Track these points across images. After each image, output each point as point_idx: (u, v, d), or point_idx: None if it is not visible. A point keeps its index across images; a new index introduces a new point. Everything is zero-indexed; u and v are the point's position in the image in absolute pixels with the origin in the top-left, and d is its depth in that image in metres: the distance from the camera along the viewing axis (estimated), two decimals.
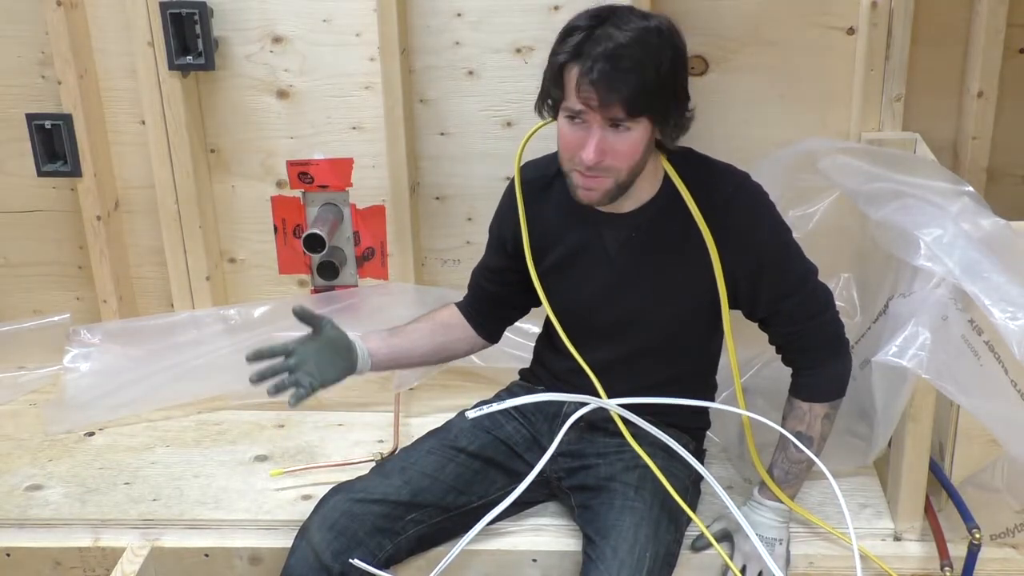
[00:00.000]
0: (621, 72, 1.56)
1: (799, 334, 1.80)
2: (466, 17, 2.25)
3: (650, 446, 1.81)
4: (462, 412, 1.93)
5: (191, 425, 2.31)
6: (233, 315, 2.41)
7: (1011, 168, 2.32)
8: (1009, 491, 1.80)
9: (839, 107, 2.26)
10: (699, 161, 1.79)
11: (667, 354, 1.86)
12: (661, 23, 1.63)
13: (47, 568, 1.96)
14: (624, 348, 1.85)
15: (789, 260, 1.78)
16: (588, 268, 1.83)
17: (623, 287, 1.81)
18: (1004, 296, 1.67)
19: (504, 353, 2.28)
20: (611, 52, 1.56)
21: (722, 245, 1.74)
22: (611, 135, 1.61)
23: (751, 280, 1.76)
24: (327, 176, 2.39)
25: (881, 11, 2.16)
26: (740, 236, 1.74)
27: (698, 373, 1.93)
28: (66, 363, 2.40)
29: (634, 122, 1.60)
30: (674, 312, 1.82)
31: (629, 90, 1.56)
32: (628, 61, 1.56)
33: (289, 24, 2.28)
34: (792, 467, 1.84)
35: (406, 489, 1.81)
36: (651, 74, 1.57)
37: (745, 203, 1.75)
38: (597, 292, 1.83)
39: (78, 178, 2.36)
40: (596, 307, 1.85)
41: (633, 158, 1.64)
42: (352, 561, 1.73)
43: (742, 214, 1.74)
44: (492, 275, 1.96)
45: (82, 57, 2.29)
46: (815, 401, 1.81)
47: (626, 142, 1.62)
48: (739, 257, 1.75)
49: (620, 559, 1.68)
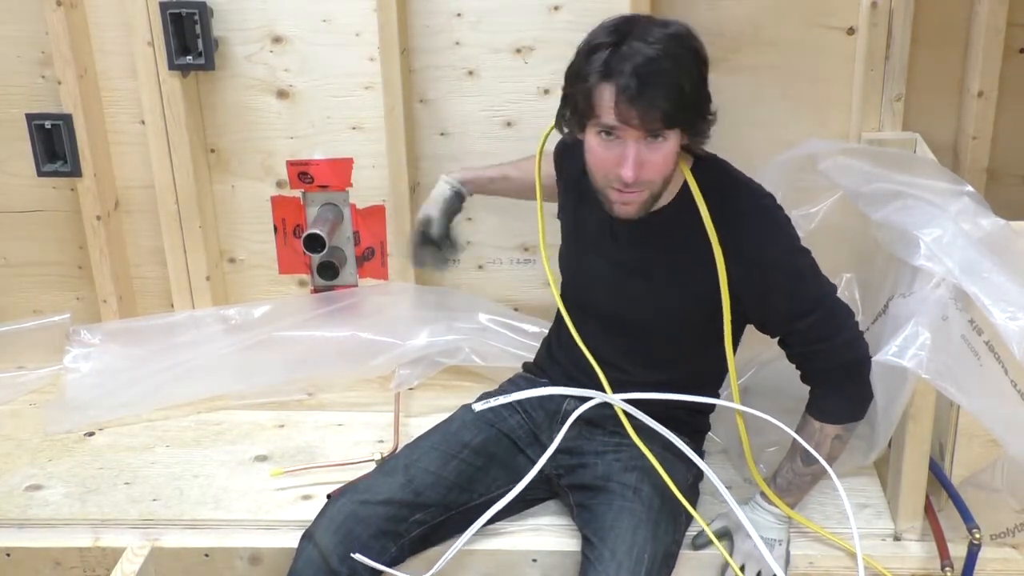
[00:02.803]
0: (659, 88, 1.56)
1: (812, 355, 1.78)
2: (466, 17, 2.25)
3: (649, 445, 1.81)
4: (466, 405, 1.94)
5: (191, 425, 2.31)
6: (233, 315, 2.41)
7: (1011, 168, 2.32)
8: (1009, 491, 1.80)
9: (839, 107, 2.26)
10: (723, 172, 1.79)
11: (660, 360, 1.86)
12: (680, 30, 1.63)
13: (47, 568, 1.96)
14: (622, 344, 1.86)
15: (802, 281, 1.76)
16: (594, 258, 1.85)
17: (625, 278, 1.82)
18: (1004, 296, 1.67)
19: (504, 352, 2.28)
20: (645, 69, 1.56)
21: (730, 258, 1.73)
22: (645, 149, 1.61)
23: (759, 298, 1.75)
24: (327, 176, 2.39)
25: (881, 11, 2.16)
26: (750, 252, 1.73)
27: (696, 383, 1.90)
28: (66, 363, 2.40)
29: (670, 132, 1.62)
30: (673, 316, 1.82)
31: (669, 104, 1.57)
32: (664, 76, 1.57)
33: (289, 24, 2.28)
34: (796, 479, 1.83)
35: (409, 488, 1.81)
36: (686, 85, 1.59)
37: (760, 221, 1.75)
38: (597, 284, 1.85)
39: (78, 178, 2.36)
40: (594, 297, 1.86)
41: (668, 168, 1.66)
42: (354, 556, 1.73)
43: (755, 231, 1.74)
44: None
45: (82, 57, 2.29)
46: (826, 422, 1.79)
47: (661, 154, 1.63)
48: (746, 273, 1.73)
49: (618, 561, 1.68)
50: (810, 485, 1.84)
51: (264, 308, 2.40)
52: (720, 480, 1.78)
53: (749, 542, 1.78)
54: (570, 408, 1.87)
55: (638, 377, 1.85)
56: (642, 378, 1.85)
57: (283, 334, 2.38)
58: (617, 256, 1.82)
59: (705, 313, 1.79)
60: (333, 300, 2.40)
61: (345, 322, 2.38)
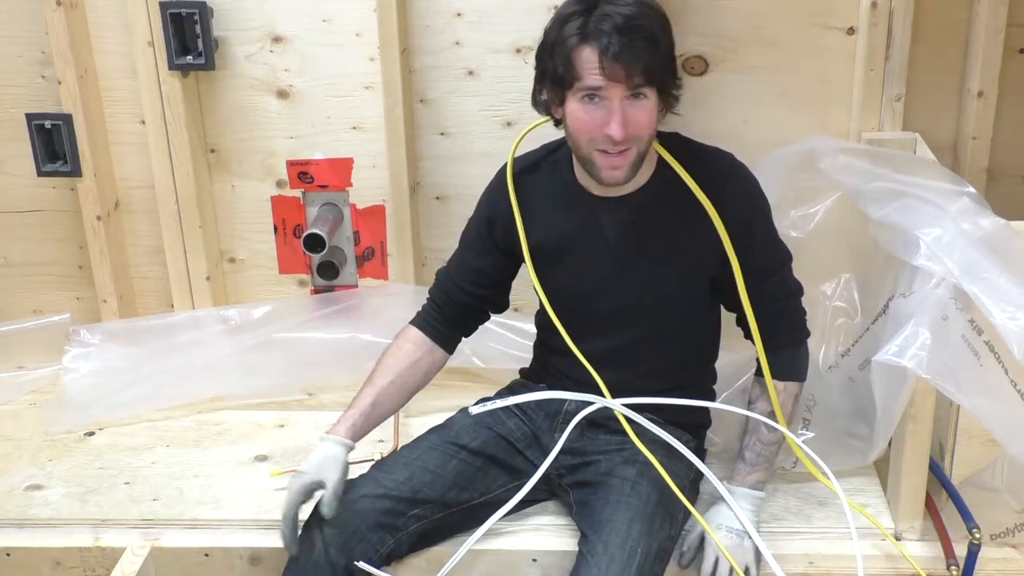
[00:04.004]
0: (638, 41, 1.62)
1: (781, 312, 1.85)
2: (466, 17, 2.25)
3: (651, 444, 1.81)
4: (464, 409, 1.94)
5: (191, 425, 2.31)
6: (233, 315, 2.41)
7: (1011, 168, 2.32)
8: (1009, 491, 1.80)
9: (839, 107, 2.26)
10: (685, 143, 1.84)
11: (666, 340, 1.88)
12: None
13: (47, 568, 1.95)
14: (622, 337, 1.87)
15: (774, 236, 1.85)
16: (585, 255, 1.84)
17: (623, 272, 1.83)
18: (1004, 296, 1.67)
19: (504, 354, 2.28)
20: (623, 26, 1.61)
21: (723, 218, 1.78)
22: (630, 107, 1.65)
23: (743, 253, 1.79)
24: (327, 176, 2.39)
25: (881, 11, 2.16)
26: (739, 208, 1.79)
27: (697, 360, 1.95)
28: (66, 363, 2.40)
29: (650, 90, 1.66)
30: (674, 294, 1.85)
31: (650, 57, 1.63)
32: (644, 31, 1.63)
33: (289, 24, 2.28)
34: (764, 449, 1.86)
35: (408, 485, 1.81)
36: (660, 41, 1.65)
37: (741, 177, 1.82)
38: (596, 279, 1.85)
39: (78, 178, 2.37)
40: (594, 295, 1.86)
41: (651, 126, 1.70)
42: (358, 564, 1.74)
43: (738, 187, 1.80)
44: (478, 276, 1.94)
45: (82, 57, 2.29)
46: (790, 380, 1.86)
47: (645, 110, 1.67)
48: (738, 228, 1.78)
49: (611, 554, 1.68)
50: (775, 455, 1.89)
51: (264, 309, 2.40)
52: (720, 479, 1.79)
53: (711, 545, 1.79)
54: (571, 410, 1.87)
55: (637, 366, 1.87)
56: (641, 366, 1.87)
57: (283, 335, 2.38)
58: (609, 251, 1.83)
59: (705, 279, 1.84)
60: (333, 301, 2.40)
61: (345, 323, 2.38)
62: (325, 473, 1.75)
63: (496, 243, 1.91)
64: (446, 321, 1.96)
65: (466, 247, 1.96)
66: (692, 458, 1.81)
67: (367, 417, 1.85)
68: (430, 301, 1.98)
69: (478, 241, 1.93)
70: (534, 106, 1.78)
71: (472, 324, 2.01)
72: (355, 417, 1.84)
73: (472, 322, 2.00)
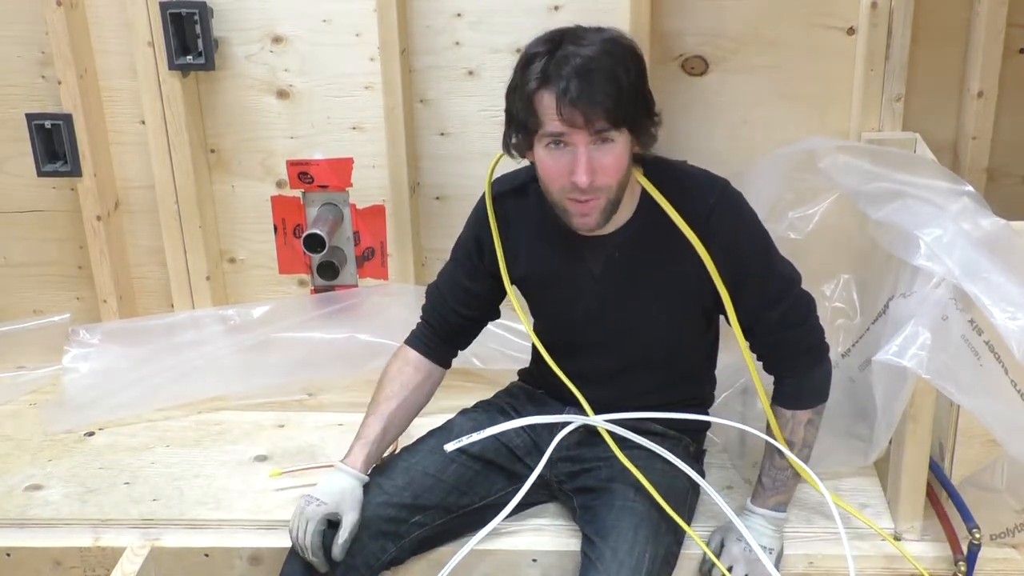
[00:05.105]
0: (598, 84, 1.55)
1: (782, 343, 1.78)
2: (466, 17, 2.25)
3: (649, 454, 1.82)
4: (464, 410, 1.96)
5: (191, 425, 2.31)
6: (233, 315, 2.41)
7: (1011, 168, 2.32)
8: (1009, 491, 1.80)
9: (839, 107, 2.26)
10: (674, 172, 1.77)
11: (657, 364, 1.86)
12: (613, 33, 1.62)
13: (47, 568, 1.96)
14: (613, 360, 1.86)
15: (772, 267, 1.77)
16: (571, 285, 1.81)
17: (609, 307, 1.80)
18: (1004, 296, 1.67)
19: (504, 355, 2.28)
20: (582, 67, 1.55)
21: (713, 250, 1.72)
22: (596, 152, 1.59)
23: (734, 287, 1.74)
24: (327, 176, 2.39)
25: (881, 11, 2.16)
26: (726, 242, 1.72)
27: (694, 373, 1.93)
28: (66, 363, 2.41)
29: (617, 133, 1.59)
30: (664, 325, 1.82)
31: (610, 100, 1.55)
32: (601, 73, 1.55)
33: (289, 24, 2.28)
34: (779, 475, 1.83)
35: (408, 491, 1.81)
36: (625, 81, 1.57)
37: (729, 209, 1.73)
38: (582, 310, 1.82)
39: (78, 178, 2.37)
40: (581, 323, 1.84)
41: (621, 171, 1.63)
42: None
43: (726, 220, 1.72)
44: (470, 298, 1.91)
45: (82, 57, 2.29)
46: (799, 408, 1.80)
47: (612, 155, 1.60)
48: (725, 263, 1.72)
49: (619, 560, 1.68)
50: (793, 480, 1.84)
51: (264, 308, 2.40)
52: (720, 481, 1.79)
53: (738, 545, 1.78)
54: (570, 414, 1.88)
55: (633, 385, 1.86)
56: (637, 385, 1.85)
57: (283, 335, 2.38)
58: (596, 283, 1.79)
59: (697, 310, 1.80)
60: (333, 301, 2.40)
61: (345, 323, 2.38)
62: (344, 508, 1.75)
63: (485, 266, 1.88)
64: (441, 340, 1.95)
65: (458, 264, 1.93)
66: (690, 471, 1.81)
67: (378, 446, 1.86)
68: (424, 322, 1.97)
69: (468, 262, 1.90)
70: (505, 150, 1.71)
71: (467, 340, 1.99)
72: (369, 447, 1.83)
73: (467, 338, 1.99)
